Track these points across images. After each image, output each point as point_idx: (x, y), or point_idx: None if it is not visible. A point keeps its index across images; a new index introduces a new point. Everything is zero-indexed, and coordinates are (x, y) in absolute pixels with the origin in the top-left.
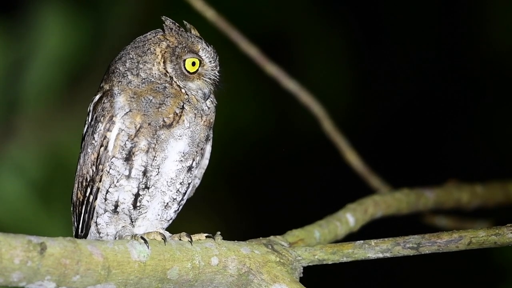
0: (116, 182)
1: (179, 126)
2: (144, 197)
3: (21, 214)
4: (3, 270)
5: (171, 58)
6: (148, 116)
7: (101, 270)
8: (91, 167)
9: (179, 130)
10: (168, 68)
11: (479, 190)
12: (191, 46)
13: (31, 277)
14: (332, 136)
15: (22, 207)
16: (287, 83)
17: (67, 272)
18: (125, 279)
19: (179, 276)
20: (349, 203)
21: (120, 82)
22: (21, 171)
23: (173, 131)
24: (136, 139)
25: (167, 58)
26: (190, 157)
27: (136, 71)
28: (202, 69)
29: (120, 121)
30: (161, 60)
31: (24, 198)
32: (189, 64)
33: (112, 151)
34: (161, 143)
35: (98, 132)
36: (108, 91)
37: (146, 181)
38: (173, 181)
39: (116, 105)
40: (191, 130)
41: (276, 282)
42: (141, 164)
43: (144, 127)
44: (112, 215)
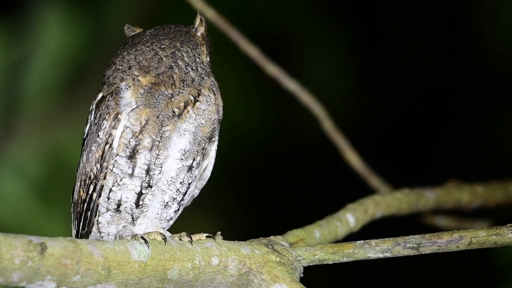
0: (120, 181)
1: (187, 117)
2: (147, 196)
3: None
4: (3, 270)
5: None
6: (157, 109)
7: (102, 270)
8: (95, 165)
9: (185, 124)
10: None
11: (479, 190)
12: (205, 37)
13: (31, 277)
14: (332, 136)
15: (22, 207)
16: (287, 83)
17: (67, 272)
18: (126, 279)
19: (180, 276)
20: (349, 203)
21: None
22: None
23: (179, 125)
24: (141, 136)
25: (206, 48)
26: (191, 156)
27: (194, 65)
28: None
29: (126, 118)
30: (205, 51)
31: (24, 198)
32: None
33: (116, 149)
34: (164, 140)
35: (103, 129)
36: (113, 88)
37: (149, 179)
38: (173, 180)
39: (122, 101)
40: (195, 126)
41: (276, 282)
42: (144, 162)
43: (149, 123)
44: (114, 213)
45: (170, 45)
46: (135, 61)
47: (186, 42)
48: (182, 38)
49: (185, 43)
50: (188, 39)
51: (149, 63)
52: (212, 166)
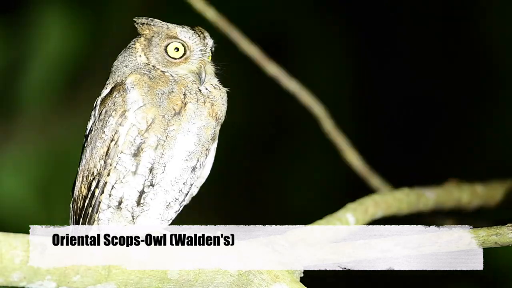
0: (122, 178)
1: (186, 114)
2: (148, 195)
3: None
4: (4, 270)
5: (150, 48)
6: (162, 108)
7: (102, 270)
8: (99, 161)
9: (187, 124)
10: (149, 57)
11: (479, 190)
12: (168, 32)
13: (31, 277)
14: (332, 136)
15: (22, 207)
16: (287, 83)
17: (67, 272)
18: (126, 279)
19: (180, 276)
20: (349, 203)
21: (120, 76)
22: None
23: (182, 125)
24: (147, 134)
25: (146, 48)
26: (195, 156)
27: (125, 63)
28: (190, 53)
29: (133, 115)
30: (141, 52)
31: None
32: (172, 50)
33: (121, 146)
34: (169, 140)
35: (109, 126)
36: (119, 85)
37: (152, 178)
38: (177, 181)
39: (129, 99)
40: (198, 127)
41: (276, 282)
42: (149, 161)
43: (155, 122)
44: (115, 211)
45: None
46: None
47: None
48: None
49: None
50: (129, 45)
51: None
52: (211, 165)
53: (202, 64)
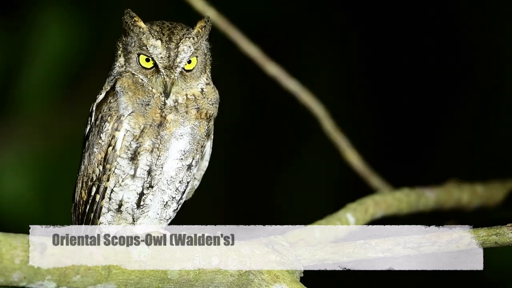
0: (121, 182)
1: (170, 124)
2: (148, 196)
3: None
4: (4, 270)
5: (125, 53)
6: (146, 118)
7: (102, 270)
8: (98, 167)
9: (177, 129)
10: (127, 61)
11: (479, 190)
12: (142, 41)
13: (31, 277)
14: (332, 136)
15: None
16: (287, 83)
17: (67, 272)
18: (126, 279)
19: (180, 276)
20: (349, 203)
21: (111, 80)
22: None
23: (173, 131)
24: (141, 139)
25: (123, 53)
26: (190, 155)
27: (113, 67)
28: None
29: (126, 121)
30: (120, 56)
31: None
32: (143, 59)
33: (119, 151)
34: (164, 142)
35: (105, 131)
36: (111, 90)
37: (151, 180)
38: (172, 180)
39: (121, 105)
40: (190, 127)
41: (276, 282)
42: (146, 163)
43: (147, 128)
44: (115, 214)
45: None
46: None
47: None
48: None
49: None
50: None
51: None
52: (209, 156)
53: (166, 81)
